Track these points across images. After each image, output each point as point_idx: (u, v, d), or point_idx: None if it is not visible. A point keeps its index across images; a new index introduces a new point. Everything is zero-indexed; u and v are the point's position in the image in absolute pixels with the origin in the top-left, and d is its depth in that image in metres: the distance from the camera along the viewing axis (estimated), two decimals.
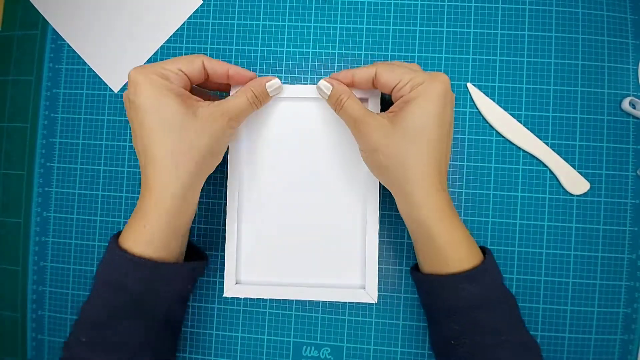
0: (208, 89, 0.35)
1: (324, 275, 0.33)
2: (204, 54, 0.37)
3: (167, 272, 0.28)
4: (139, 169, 0.37)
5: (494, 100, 0.36)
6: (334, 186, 0.34)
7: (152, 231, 0.27)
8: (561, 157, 0.35)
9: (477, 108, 0.36)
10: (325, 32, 0.37)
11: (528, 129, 0.35)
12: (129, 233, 0.28)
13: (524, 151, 0.35)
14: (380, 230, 0.34)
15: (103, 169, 0.38)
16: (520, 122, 0.35)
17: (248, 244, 0.34)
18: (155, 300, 0.28)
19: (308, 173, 0.34)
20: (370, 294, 0.32)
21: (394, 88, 0.29)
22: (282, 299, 0.36)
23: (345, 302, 0.35)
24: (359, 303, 0.35)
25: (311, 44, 0.37)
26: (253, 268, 0.34)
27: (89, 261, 0.37)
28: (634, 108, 0.35)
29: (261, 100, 0.31)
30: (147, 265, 0.27)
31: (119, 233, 0.29)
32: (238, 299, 0.36)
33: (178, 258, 0.30)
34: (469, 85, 0.36)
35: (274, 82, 0.31)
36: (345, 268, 0.33)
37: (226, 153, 0.33)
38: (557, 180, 0.35)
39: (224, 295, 0.32)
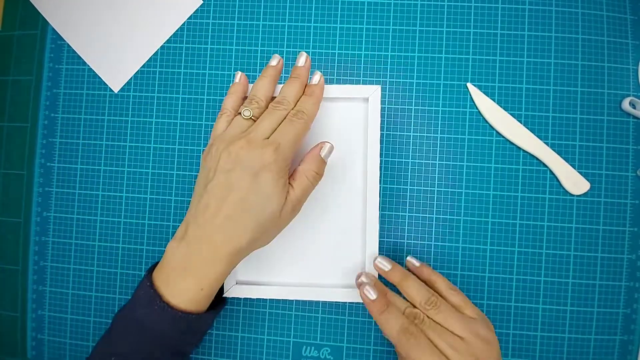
0: None
1: (324, 276, 0.33)
2: (204, 54, 0.37)
3: (203, 322, 0.29)
4: (138, 169, 0.37)
5: (494, 100, 0.36)
6: (333, 186, 0.34)
7: (206, 293, 0.28)
8: (561, 157, 0.35)
9: (477, 108, 0.36)
10: (325, 32, 0.37)
11: (528, 129, 0.35)
12: (180, 291, 0.27)
13: (524, 151, 0.35)
14: (380, 230, 0.34)
15: (103, 169, 0.38)
16: (520, 122, 0.35)
17: None
18: (185, 344, 0.29)
19: None
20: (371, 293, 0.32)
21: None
22: (282, 299, 0.36)
23: (346, 302, 0.35)
24: (359, 303, 0.35)
25: (311, 44, 0.37)
26: (253, 268, 0.34)
27: (89, 261, 0.37)
28: (634, 108, 0.35)
29: (321, 172, 0.31)
30: (190, 319, 0.28)
31: (153, 267, 0.30)
32: (238, 298, 0.36)
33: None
34: (469, 85, 0.36)
35: (325, 147, 0.31)
36: (345, 268, 0.33)
37: None
38: (557, 180, 0.35)
39: (223, 296, 0.32)
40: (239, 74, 0.33)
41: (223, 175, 0.27)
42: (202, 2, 0.38)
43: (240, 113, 0.30)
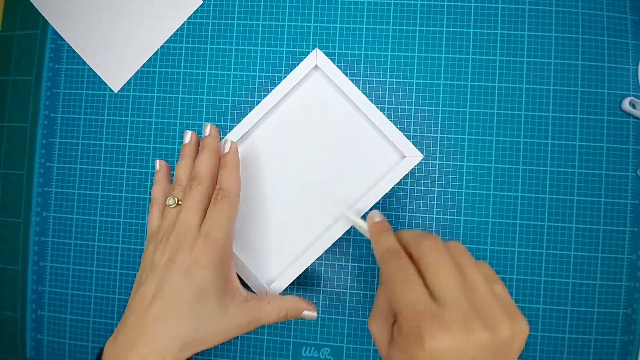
0: None
1: (366, 180, 0.32)
2: (204, 54, 0.37)
3: None
4: (138, 169, 0.37)
5: (494, 100, 0.36)
6: (341, 138, 0.33)
7: None
8: (561, 157, 0.35)
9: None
10: (325, 32, 0.37)
11: (528, 128, 0.35)
12: None
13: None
14: None
15: (103, 169, 0.38)
16: (520, 122, 0.35)
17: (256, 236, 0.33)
18: None
19: (320, 152, 0.33)
20: (413, 155, 0.31)
21: None
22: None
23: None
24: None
25: (311, 44, 0.37)
26: (266, 258, 0.33)
27: (88, 261, 0.37)
28: (634, 108, 0.35)
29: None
30: None
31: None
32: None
33: None
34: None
35: (311, 314, 0.31)
36: (376, 160, 0.32)
37: None
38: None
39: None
40: (157, 163, 0.33)
41: (156, 276, 0.27)
42: (202, 2, 0.38)
43: (167, 203, 0.29)
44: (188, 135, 0.32)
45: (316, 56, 0.32)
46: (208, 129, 0.31)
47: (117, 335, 0.27)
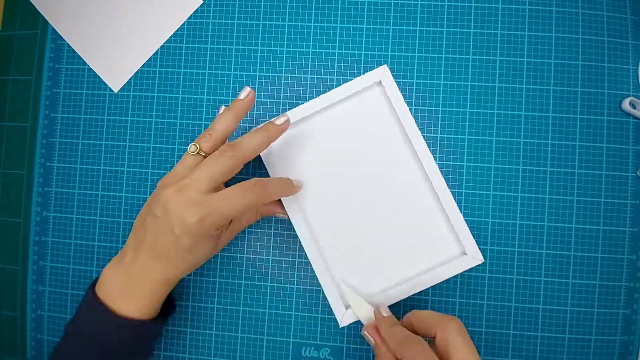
0: None
1: (421, 263, 0.33)
2: (204, 54, 0.37)
3: (148, 331, 0.30)
4: (138, 169, 0.37)
5: (494, 100, 0.36)
6: (392, 176, 0.33)
7: (149, 301, 0.29)
8: (561, 157, 0.35)
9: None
10: (325, 32, 0.37)
11: (528, 128, 0.35)
12: (121, 308, 0.28)
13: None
14: None
15: (103, 168, 0.38)
16: (520, 122, 0.35)
17: (337, 265, 0.33)
18: (132, 354, 0.30)
19: (363, 175, 0.33)
20: (475, 256, 0.31)
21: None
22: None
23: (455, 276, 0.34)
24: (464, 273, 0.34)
25: (311, 44, 0.37)
26: (353, 287, 0.33)
27: (88, 261, 0.37)
28: (634, 108, 0.35)
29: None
30: (133, 326, 0.28)
31: (96, 280, 0.30)
32: (237, 298, 0.36)
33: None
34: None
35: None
36: (437, 247, 0.33)
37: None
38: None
39: (340, 327, 0.32)
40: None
41: (154, 220, 0.27)
42: (202, 2, 0.38)
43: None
44: (245, 93, 0.31)
45: (382, 73, 0.32)
46: (282, 119, 0.30)
47: (119, 265, 0.29)
